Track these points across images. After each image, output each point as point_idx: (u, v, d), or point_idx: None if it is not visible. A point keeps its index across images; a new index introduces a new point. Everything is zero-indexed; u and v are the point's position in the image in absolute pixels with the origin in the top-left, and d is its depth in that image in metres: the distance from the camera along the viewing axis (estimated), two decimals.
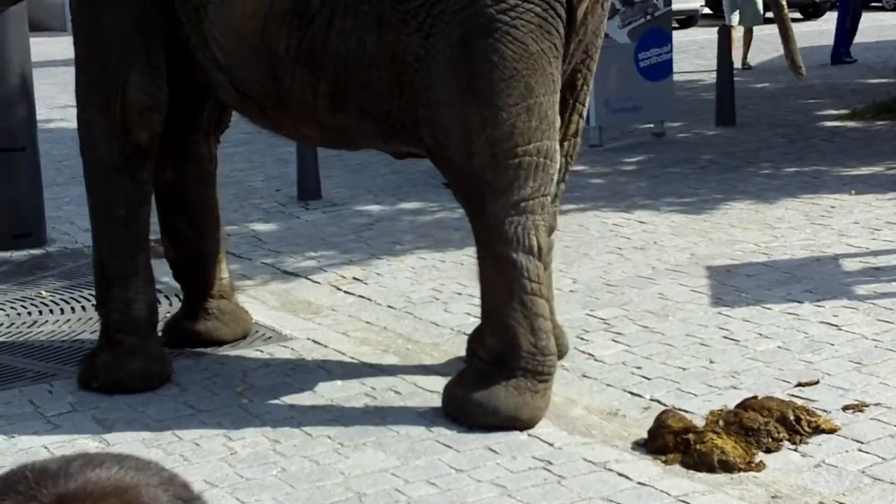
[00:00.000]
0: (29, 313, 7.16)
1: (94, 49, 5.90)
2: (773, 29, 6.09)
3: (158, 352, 6.01)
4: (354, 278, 7.85)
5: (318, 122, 5.66)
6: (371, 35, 5.33)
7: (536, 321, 5.27)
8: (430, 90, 5.30)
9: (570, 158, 5.93)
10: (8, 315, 7.16)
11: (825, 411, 5.32)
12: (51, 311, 7.19)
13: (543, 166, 5.30)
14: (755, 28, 18.07)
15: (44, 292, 7.56)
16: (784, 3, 5.97)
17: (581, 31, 5.59)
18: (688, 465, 4.87)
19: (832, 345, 6.22)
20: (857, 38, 20.14)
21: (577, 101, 5.85)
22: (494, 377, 5.29)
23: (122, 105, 5.82)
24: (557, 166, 5.43)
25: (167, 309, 7.17)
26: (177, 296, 7.40)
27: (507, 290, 5.25)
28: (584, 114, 6.02)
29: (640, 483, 4.73)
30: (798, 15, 27.60)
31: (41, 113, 10.56)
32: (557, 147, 5.41)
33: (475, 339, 5.76)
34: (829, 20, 26.79)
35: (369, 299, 7.37)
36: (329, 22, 5.36)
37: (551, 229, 5.91)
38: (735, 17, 17.36)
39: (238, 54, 5.60)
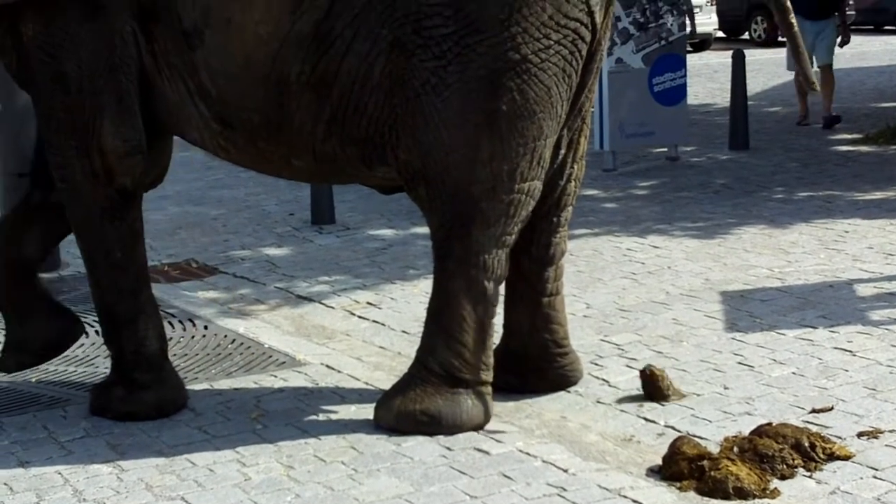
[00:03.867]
0: None
1: (59, 95, 5.64)
2: (780, 53, 6.07)
3: (173, 381, 5.99)
4: (368, 303, 7.86)
5: (313, 152, 5.58)
6: (380, 58, 5.34)
7: (489, 341, 5.63)
8: (435, 116, 5.32)
9: (577, 182, 5.95)
10: None
11: (840, 438, 5.30)
12: None
13: (527, 205, 5.53)
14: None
15: None
16: (794, 20, 5.97)
17: (596, 64, 5.65)
18: (702, 492, 4.85)
19: (846, 371, 6.20)
20: (869, 62, 20.17)
21: (584, 124, 5.86)
22: (446, 389, 5.54)
23: (100, 153, 5.64)
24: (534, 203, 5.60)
25: (180, 333, 7.18)
26: (190, 320, 7.43)
27: (473, 311, 5.52)
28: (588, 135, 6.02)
29: None
30: None
31: None
32: (541, 186, 5.57)
33: (498, 361, 5.77)
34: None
35: (383, 324, 7.38)
36: (348, 46, 5.33)
37: (562, 253, 5.94)
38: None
39: (239, 81, 5.47)
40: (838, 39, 14.76)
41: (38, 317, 6.21)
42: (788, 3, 5.93)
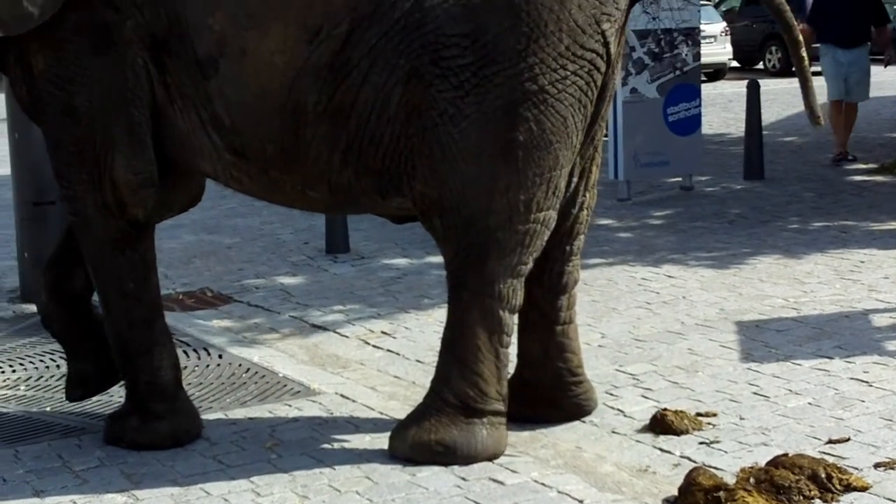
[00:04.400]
0: (58, 366, 7.17)
1: (70, 128, 5.62)
2: (796, 83, 6.06)
3: (188, 410, 5.98)
4: (382, 332, 7.85)
5: (328, 182, 5.55)
6: (398, 88, 5.33)
7: (504, 371, 5.59)
8: (452, 146, 5.32)
9: (589, 210, 5.95)
10: (37, 368, 7.18)
11: (856, 469, 5.28)
12: None
13: (542, 235, 5.54)
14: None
15: None
16: (804, 53, 5.95)
17: (609, 93, 5.65)
18: None
19: (863, 401, 6.17)
20: (885, 92, 20.12)
21: (596, 152, 5.86)
22: (461, 419, 5.52)
23: (112, 186, 5.62)
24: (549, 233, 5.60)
25: (195, 362, 7.18)
26: (205, 349, 7.42)
27: (488, 340, 5.50)
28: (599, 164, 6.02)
29: None
30: None
31: None
32: (556, 216, 5.57)
33: (512, 390, 5.75)
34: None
35: (397, 353, 7.37)
36: (365, 76, 5.32)
37: (574, 281, 5.93)
38: (837, 89, 14.19)
39: (253, 111, 5.44)
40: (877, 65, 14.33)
41: (95, 347, 6.21)
42: (800, 37, 5.91)
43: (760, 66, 29.61)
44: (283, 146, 5.50)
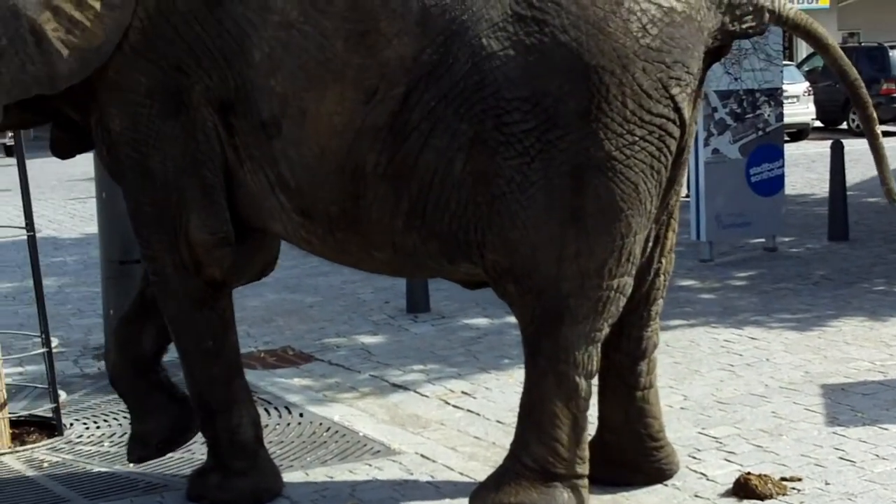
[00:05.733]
0: None
1: (147, 191, 5.71)
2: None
3: (269, 468, 6.00)
4: (463, 392, 7.84)
5: (392, 244, 5.53)
6: (461, 154, 5.26)
7: (583, 435, 5.51)
8: (521, 214, 5.25)
9: (666, 275, 5.88)
10: (121, 425, 7.23)
11: None
12: None
13: (617, 301, 5.44)
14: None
15: None
16: (879, 130, 5.80)
17: (685, 157, 5.60)
18: None
19: None
20: None
21: (672, 218, 5.80)
22: (540, 483, 5.46)
23: (188, 246, 5.69)
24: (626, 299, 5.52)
25: (276, 420, 7.20)
26: (286, 407, 7.45)
27: (565, 406, 5.43)
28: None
29: None
30: None
31: None
32: (632, 282, 5.49)
33: (593, 453, 5.70)
34: None
35: (478, 414, 7.35)
36: (425, 139, 5.28)
37: (654, 346, 5.88)
38: None
39: (315, 172, 5.44)
40: None
41: (157, 411, 6.27)
42: (874, 114, 5.79)
43: (844, 125, 29.40)
44: (345, 207, 5.48)
